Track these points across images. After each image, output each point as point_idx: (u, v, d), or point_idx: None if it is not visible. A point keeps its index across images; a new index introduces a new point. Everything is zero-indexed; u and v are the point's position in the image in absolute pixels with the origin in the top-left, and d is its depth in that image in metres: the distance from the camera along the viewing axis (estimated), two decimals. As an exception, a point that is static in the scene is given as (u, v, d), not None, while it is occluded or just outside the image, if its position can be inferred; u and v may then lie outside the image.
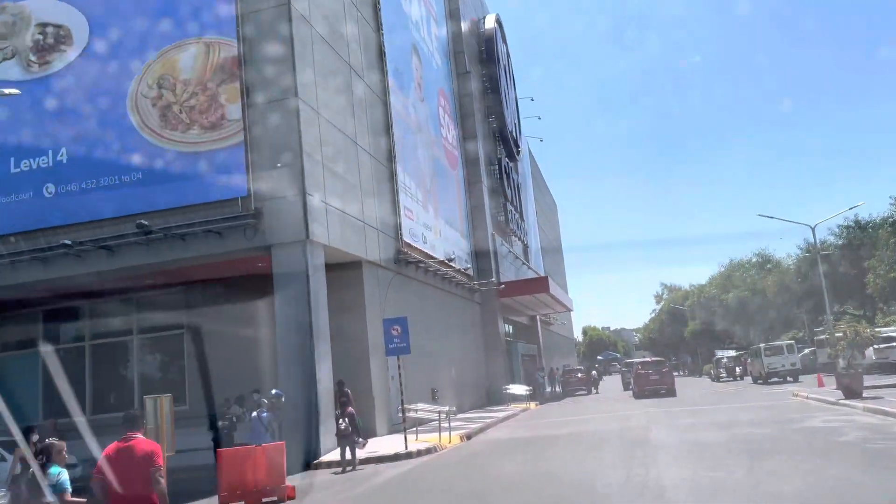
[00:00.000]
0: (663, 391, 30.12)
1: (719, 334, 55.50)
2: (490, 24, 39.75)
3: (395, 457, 14.24)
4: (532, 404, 29.33)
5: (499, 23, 41.17)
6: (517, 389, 29.47)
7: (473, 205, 33.87)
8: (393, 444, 15.52)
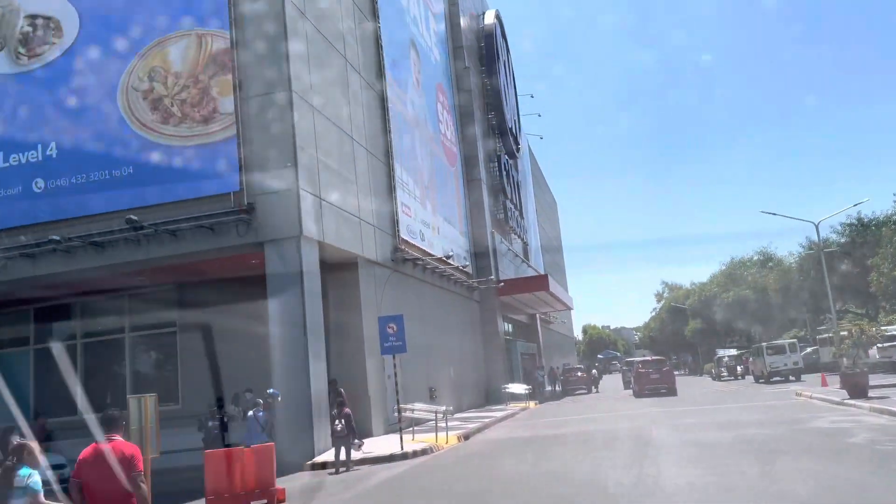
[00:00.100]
0: (664, 390, 29.98)
1: (720, 333, 55.16)
2: (490, 19, 39.41)
3: (391, 458, 13.92)
4: (531, 403, 29.03)
5: (498, 18, 40.80)
6: (516, 388, 29.19)
7: (472, 202, 33.51)
8: (389, 445, 15.18)
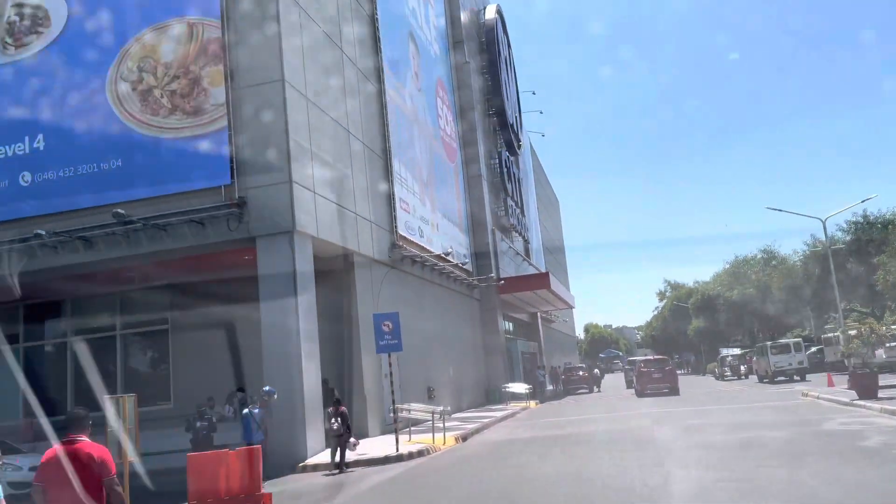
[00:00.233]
0: (666, 390, 29.66)
1: (723, 332, 54.65)
2: (490, 14, 38.94)
3: (386, 459, 13.48)
4: (532, 403, 28.59)
5: (499, 13, 40.34)
6: (517, 388, 28.75)
7: (473, 199, 33.04)
8: (384, 446, 14.74)
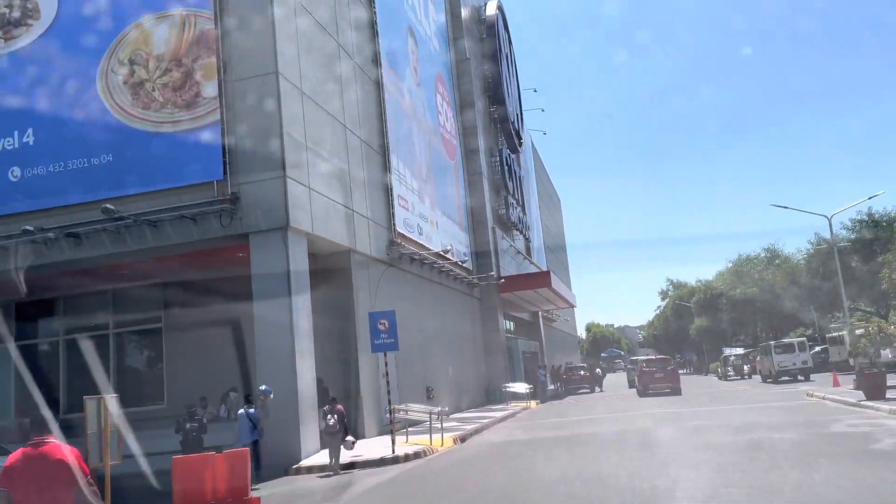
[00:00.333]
0: (668, 390, 29.42)
1: (726, 332, 54.25)
2: (491, 10, 38.56)
3: (381, 461, 13.12)
4: (533, 403, 28.26)
5: (500, 9, 39.96)
6: (518, 388, 28.42)
7: (473, 197, 32.67)
8: (380, 447, 14.38)
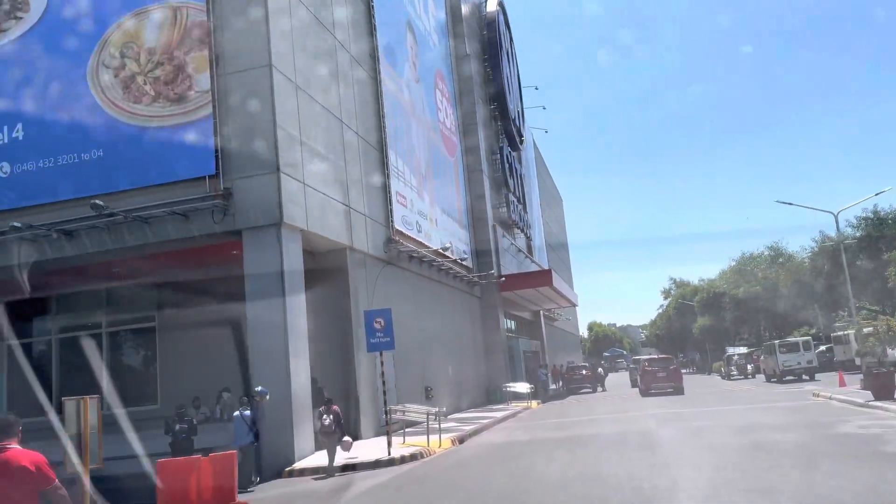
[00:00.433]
0: (671, 389, 29.14)
1: (729, 331, 53.83)
2: (492, 6, 38.19)
3: (376, 464, 12.78)
4: (534, 403, 27.89)
5: (501, 5, 39.61)
6: (519, 387, 28.07)
7: (474, 194, 32.32)
8: (376, 449, 14.02)
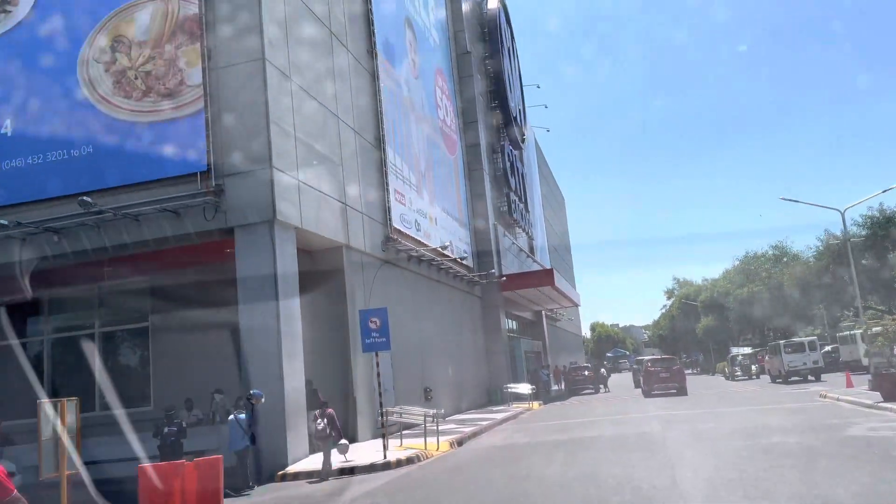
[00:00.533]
0: (674, 390, 28.76)
1: (733, 331, 53.36)
2: (493, 3, 37.80)
3: (371, 467, 12.41)
4: (535, 404, 27.51)
5: (502, 2, 39.21)
6: (520, 388, 27.71)
7: (474, 193, 31.94)
8: (372, 452, 13.67)
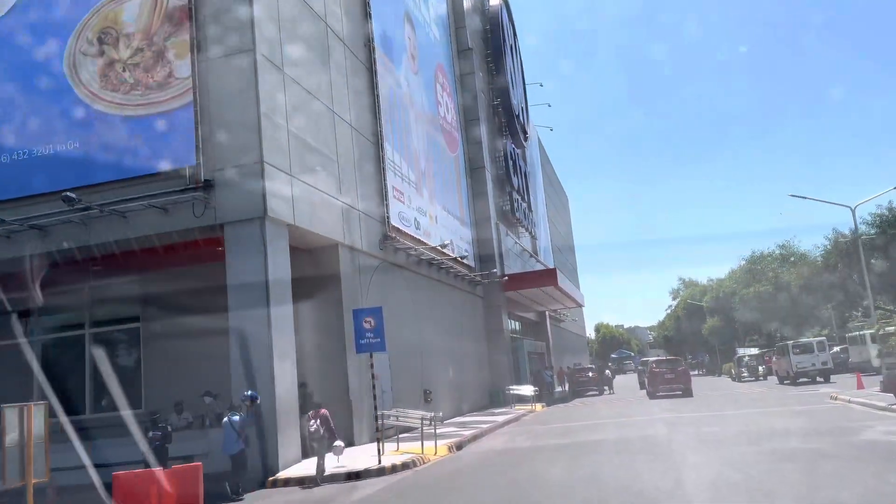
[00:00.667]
0: (679, 391, 28.24)
1: (739, 331, 52.75)
2: (495, 0, 37.36)
3: (365, 473, 11.95)
4: (538, 406, 27.00)
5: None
6: (522, 390, 27.21)
7: (476, 192, 31.47)
8: (366, 457, 13.19)
